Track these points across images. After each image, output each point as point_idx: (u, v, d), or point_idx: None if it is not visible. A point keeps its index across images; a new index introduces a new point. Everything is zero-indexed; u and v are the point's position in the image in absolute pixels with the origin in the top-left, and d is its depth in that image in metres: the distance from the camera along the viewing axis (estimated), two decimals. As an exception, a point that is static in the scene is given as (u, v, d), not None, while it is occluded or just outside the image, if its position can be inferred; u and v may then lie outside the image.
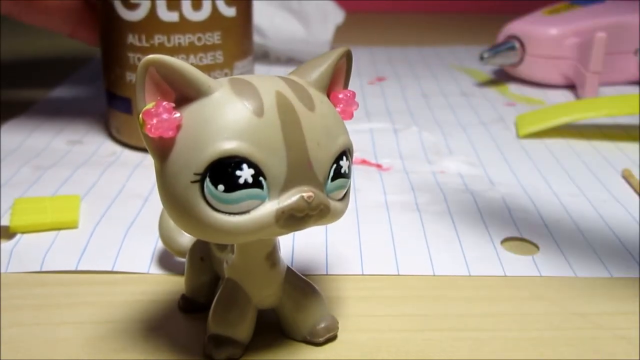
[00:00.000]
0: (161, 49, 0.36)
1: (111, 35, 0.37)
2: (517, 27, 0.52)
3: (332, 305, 0.23)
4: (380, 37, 0.72)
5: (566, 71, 0.50)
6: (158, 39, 0.36)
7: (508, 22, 0.53)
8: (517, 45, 0.51)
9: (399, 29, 0.78)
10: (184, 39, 0.36)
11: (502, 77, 0.55)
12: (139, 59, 0.36)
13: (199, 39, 0.36)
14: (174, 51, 0.36)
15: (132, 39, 0.36)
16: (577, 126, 0.42)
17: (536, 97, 0.50)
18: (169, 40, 0.36)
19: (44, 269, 0.26)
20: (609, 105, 0.40)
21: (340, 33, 0.60)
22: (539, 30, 0.50)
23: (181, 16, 0.35)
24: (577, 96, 0.49)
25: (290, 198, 0.18)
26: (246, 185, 0.17)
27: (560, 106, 0.43)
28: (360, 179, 0.34)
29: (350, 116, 0.20)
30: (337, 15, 0.58)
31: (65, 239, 0.28)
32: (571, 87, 0.51)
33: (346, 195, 0.19)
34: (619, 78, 0.51)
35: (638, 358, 0.21)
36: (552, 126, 0.40)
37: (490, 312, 0.23)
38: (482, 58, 0.51)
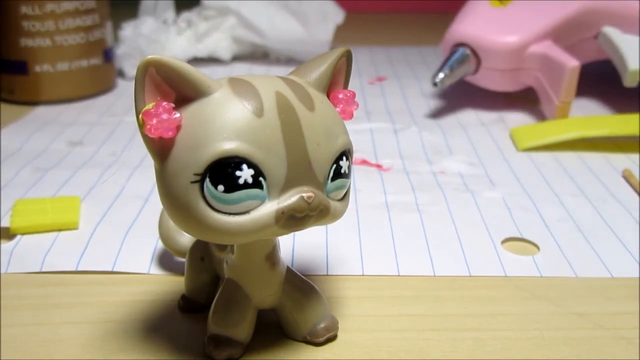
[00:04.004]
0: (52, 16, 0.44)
1: (4, 7, 0.44)
2: (467, 31, 0.43)
3: (332, 305, 0.23)
4: (380, 37, 0.72)
5: (527, 81, 0.44)
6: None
7: (453, 22, 0.44)
8: (469, 52, 0.43)
9: (399, 29, 0.78)
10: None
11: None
12: (33, 26, 0.45)
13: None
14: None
15: (26, 9, 0.44)
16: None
17: (534, 96, 0.50)
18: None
19: (44, 270, 0.26)
20: (611, 124, 0.39)
21: (340, 33, 0.60)
22: (495, 39, 0.42)
23: None
24: (543, 112, 0.43)
25: (290, 198, 0.18)
26: (246, 185, 0.17)
27: (559, 122, 0.41)
28: (360, 179, 0.34)
29: (350, 116, 0.20)
30: (337, 15, 0.58)
31: (66, 240, 0.28)
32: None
33: (346, 195, 0.19)
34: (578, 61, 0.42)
35: (638, 358, 0.21)
36: (553, 142, 0.38)
37: (490, 312, 0.23)
38: (435, 84, 0.42)
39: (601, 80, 0.50)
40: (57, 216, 0.29)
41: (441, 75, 0.42)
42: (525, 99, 0.49)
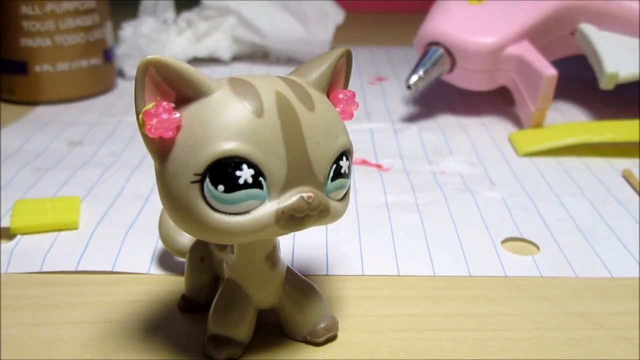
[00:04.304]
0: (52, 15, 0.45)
1: (3, 7, 0.45)
2: (443, 29, 0.41)
3: (332, 305, 0.23)
4: (380, 37, 0.72)
5: (503, 81, 0.42)
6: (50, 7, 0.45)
7: (426, 18, 0.43)
8: (442, 51, 0.41)
9: (399, 29, 0.78)
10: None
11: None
12: (33, 27, 0.44)
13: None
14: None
15: (26, 9, 0.44)
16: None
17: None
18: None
19: (44, 270, 0.26)
20: (613, 130, 0.38)
21: (340, 33, 0.60)
22: (471, 39, 0.40)
23: None
24: (519, 116, 0.42)
25: (290, 198, 0.18)
26: (246, 185, 0.17)
27: (559, 127, 0.41)
28: (360, 179, 0.34)
29: (350, 116, 0.20)
30: (337, 15, 0.58)
31: (66, 240, 0.28)
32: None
33: (346, 195, 0.19)
34: (553, 57, 0.43)
35: (638, 358, 0.21)
36: (555, 147, 0.38)
37: (490, 312, 0.23)
38: (409, 87, 0.41)
39: (578, 83, 0.50)
40: (57, 216, 0.29)
41: (415, 77, 0.41)
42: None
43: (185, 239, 0.25)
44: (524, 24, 0.41)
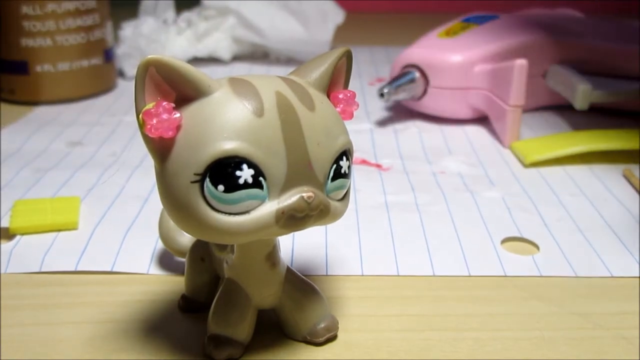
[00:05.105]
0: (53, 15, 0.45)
1: (4, 7, 0.45)
2: (416, 54, 0.44)
3: (332, 305, 0.23)
4: (380, 37, 0.72)
5: (476, 103, 0.43)
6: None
7: (403, 49, 0.45)
8: (417, 75, 0.43)
9: (399, 29, 0.78)
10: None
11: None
12: (34, 26, 0.45)
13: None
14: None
15: (26, 9, 0.44)
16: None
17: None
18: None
19: (43, 270, 0.26)
20: (621, 137, 0.38)
21: (340, 33, 0.60)
22: (442, 57, 0.43)
23: None
24: (496, 132, 0.41)
25: (291, 198, 0.18)
26: (246, 185, 0.17)
27: (562, 136, 0.40)
28: (360, 179, 0.34)
29: (350, 116, 0.20)
30: (337, 15, 0.58)
31: (65, 240, 0.28)
32: (482, 119, 0.44)
33: (346, 195, 0.19)
34: (527, 104, 0.41)
35: (638, 358, 0.21)
36: (562, 155, 0.37)
37: (490, 312, 0.23)
38: (382, 95, 0.42)
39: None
40: (57, 216, 0.29)
41: (388, 88, 0.42)
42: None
43: (185, 239, 0.25)
44: (492, 48, 0.43)
